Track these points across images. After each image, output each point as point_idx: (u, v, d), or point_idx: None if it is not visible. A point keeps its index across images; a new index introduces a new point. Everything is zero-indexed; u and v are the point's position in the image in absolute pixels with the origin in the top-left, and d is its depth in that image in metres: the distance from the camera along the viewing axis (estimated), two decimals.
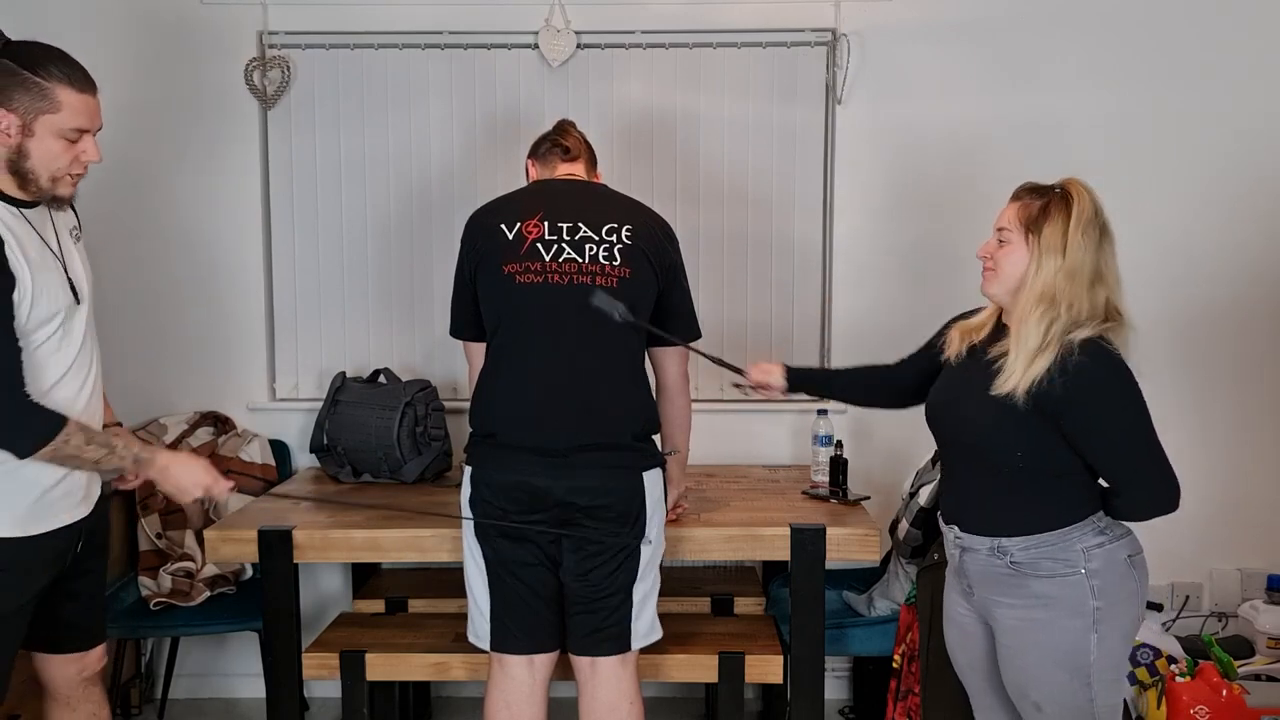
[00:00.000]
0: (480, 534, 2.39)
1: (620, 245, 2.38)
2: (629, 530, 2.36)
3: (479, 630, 2.45)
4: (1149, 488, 2.02)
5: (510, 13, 3.40)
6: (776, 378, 2.55)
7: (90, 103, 2.05)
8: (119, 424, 2.49)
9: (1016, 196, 2.09)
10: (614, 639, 2.41)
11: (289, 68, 3.42)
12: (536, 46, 3.41)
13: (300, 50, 3.44)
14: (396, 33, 3.41)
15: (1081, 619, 2.01)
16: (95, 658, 2.35)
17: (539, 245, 2.36)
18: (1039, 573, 2.03)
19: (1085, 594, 2.01)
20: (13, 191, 2.05)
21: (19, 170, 2.02)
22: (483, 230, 2.44)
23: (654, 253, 2.43)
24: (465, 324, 2.51)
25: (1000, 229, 2.08)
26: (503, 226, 2.40)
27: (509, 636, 2.41)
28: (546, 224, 2.38)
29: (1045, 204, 2.02)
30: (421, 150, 3.49)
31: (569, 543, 2.36)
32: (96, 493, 2.28)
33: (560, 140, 2.59)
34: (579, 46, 3.41)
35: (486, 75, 3.45)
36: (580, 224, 2.38)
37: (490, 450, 2.38)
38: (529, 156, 2.65)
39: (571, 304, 2.34)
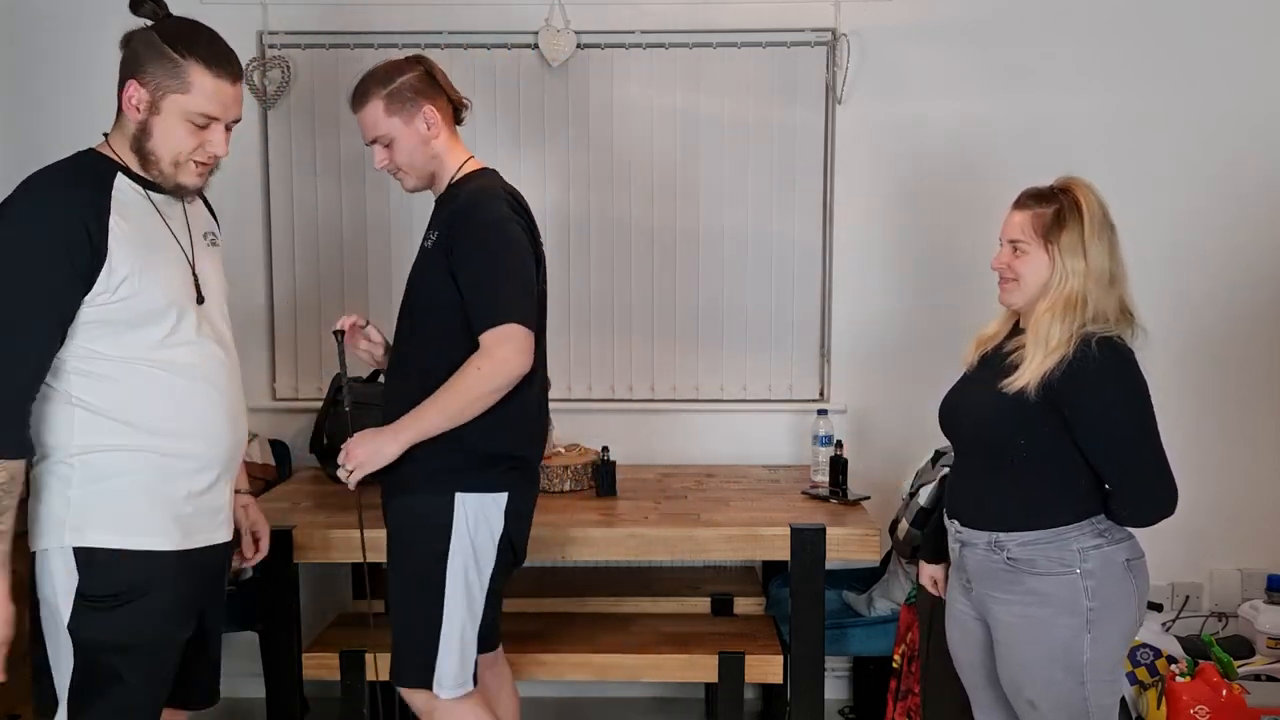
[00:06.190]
0: (501, 568, 2.25)
1: None
2: None
3: (462, 677, 2.23)
4: (1146, 486, 2.02)
5: (510, 13, 3.40)
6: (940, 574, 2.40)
7: (226, 91, 1.90)
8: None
9: (1023, 205, 2.11)
10: None
11: (289, 68, 3.42)
12: (536, 46, 3.41)
13: (300, 50, 3.43)
14: (396, 33, 3.40)
15: (1075, 618, 2.02)
16: None
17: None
18: (1035, 569, 2.04)
19: (1079, 593, 2.01)
20: (140, 171, 1.91)
21: (141, 148, 1.88)
22: (531, 229, 2.30)
23: None
24: (532, 309, 2.20)
25: (1015, 240, 2.09)
26: (535, 233, 2.33)
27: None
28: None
29: (1058, 211, 2.05)
30: None
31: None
32: (233, 523, 2.07)
33: (463, 109, 2.34)
34: (579, 46, 3.40)
35: (486, 75, 3.44)
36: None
37: (523, 477, 2.28)
38: (424, 97, 2.25)
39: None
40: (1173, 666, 2.92)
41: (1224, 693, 2.83)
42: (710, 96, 3.44)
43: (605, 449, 3.10)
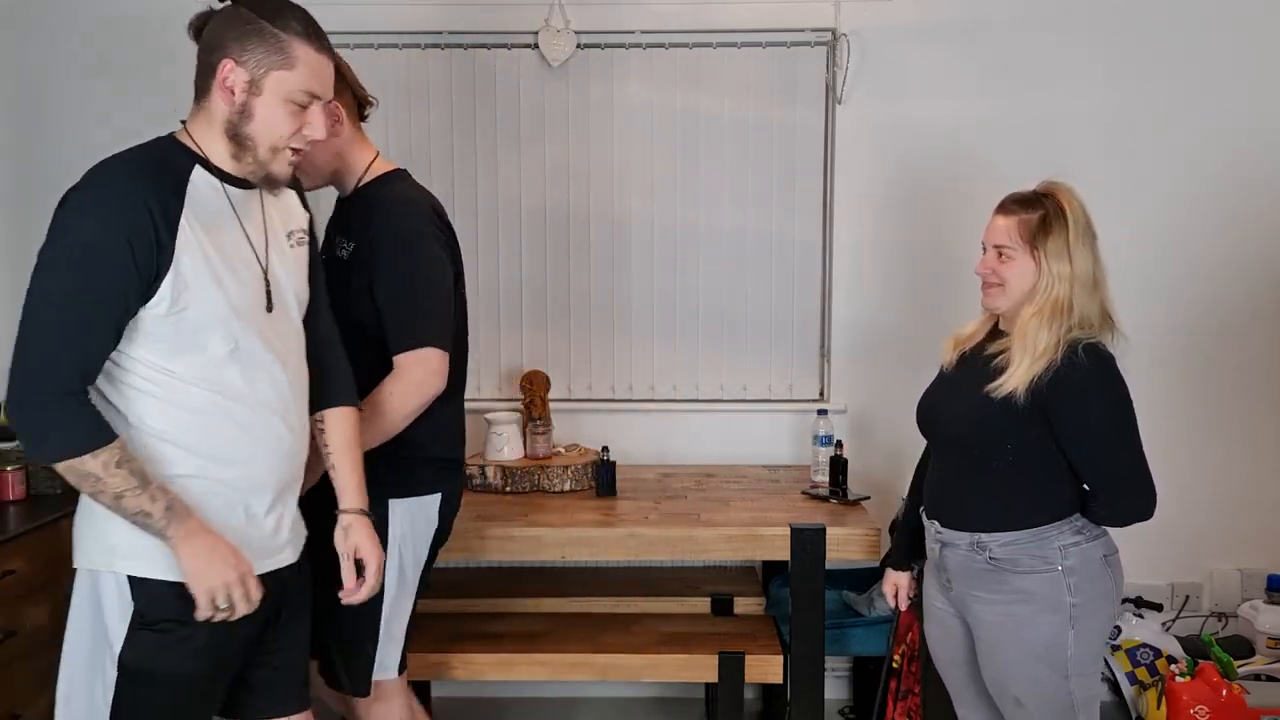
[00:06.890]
0: (432, 560, 2.35)
1: None
2: None
3: (387, 661, 2.29)
4: (1127, 490, 2.04)
5: (510, 13, 3.40)
6: (904, 582, 2.46)
7: (326, 66, 1.76)
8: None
9: (1007, 210, 2.11)
10: None
11: None
12: (536, 46, 3.41)
13: None
14: (396, 33, 3.40)
15: (1059, 614, 2.04)
16: None
17: None
18: (1018, 569, 2.06)
19: (1062, 590, 2.04)
20: (225, 164, 1.75)
21: (238, 134, 1.72)
22: (452, 243, 2.29)
23: None
24: (448, 330, 2.20)
25: (1000, 245, 2.10)
26: (455, 246, 2.31)
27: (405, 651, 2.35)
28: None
29: (1043, 216, 2.05)
30: (421, 150, 3.49)
31: None
32: (303, 536, 1.93)
33: (368, 105, 2.28)
34: (579, 46, 3.40)
35: (486, 75, 3.45)
36: None
37: (452, 475, 2.34)
38: (341, 89, 2.16)
39: None
40: (1173, 666, 2.93)
41: (1224, 693, 2.83)
42: (710, 96, 3.44)
43: (605, 449, 3.10)
